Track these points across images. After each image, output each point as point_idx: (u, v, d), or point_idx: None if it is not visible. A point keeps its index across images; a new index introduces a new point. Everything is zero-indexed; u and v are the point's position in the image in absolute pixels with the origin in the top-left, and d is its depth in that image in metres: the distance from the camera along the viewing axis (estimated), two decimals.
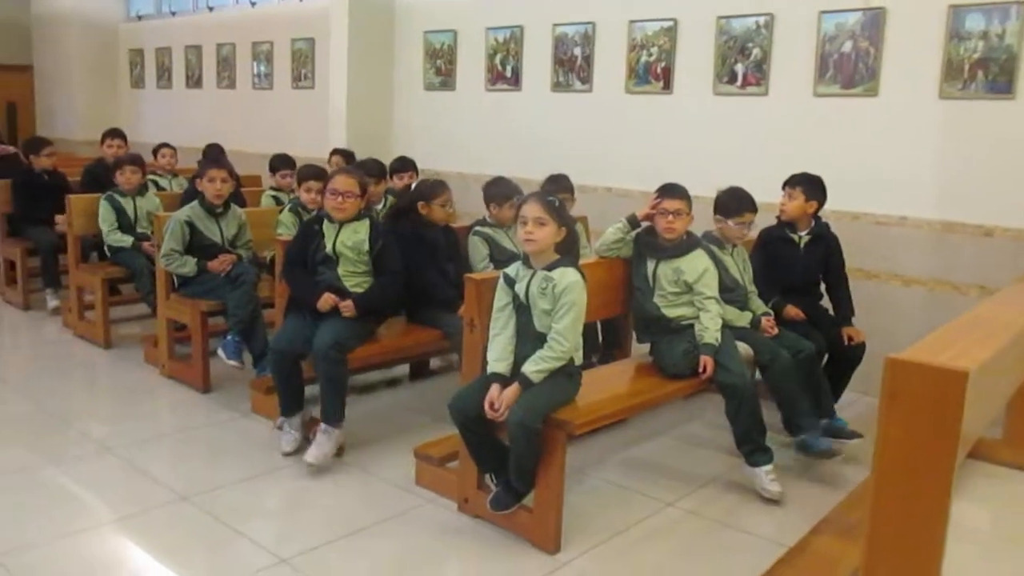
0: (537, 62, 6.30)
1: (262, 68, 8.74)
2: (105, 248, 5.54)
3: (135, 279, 5.34)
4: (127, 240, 5.38)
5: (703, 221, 4.07)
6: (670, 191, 3.59)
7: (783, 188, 4.17)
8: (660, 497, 3.51)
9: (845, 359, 4.09)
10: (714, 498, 3.55)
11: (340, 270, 3.82)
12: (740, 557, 3.02)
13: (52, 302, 6.14)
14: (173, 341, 4.86)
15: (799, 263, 4.17)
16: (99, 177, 6.07)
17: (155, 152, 6.77)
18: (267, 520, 3.27)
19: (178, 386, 4.68)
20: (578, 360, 3.12)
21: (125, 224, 5.48)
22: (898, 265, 4.72)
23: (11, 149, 7.26)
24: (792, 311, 4.06)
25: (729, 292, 3.84)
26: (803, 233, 4.17)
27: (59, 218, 5.85)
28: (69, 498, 3.35)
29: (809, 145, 4.90)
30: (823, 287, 4.29)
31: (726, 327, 3.64)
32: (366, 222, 3.88)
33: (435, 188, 4.27)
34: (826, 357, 4.12)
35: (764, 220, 4.20)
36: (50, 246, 6.05)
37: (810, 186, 4.11)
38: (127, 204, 5.52)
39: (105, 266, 5.55)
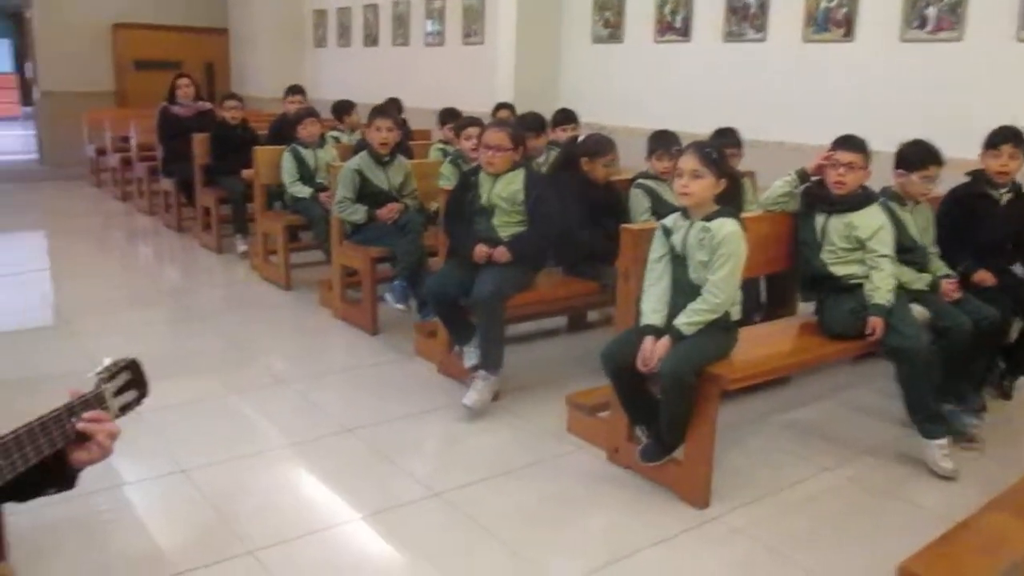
0: (708, 11, 6.08)
1: (434, 26, 8.94)
2: (286, 197, 5.91)
3: (312, 227, 5.68)
4: (306, 191, 5.71)
5: (883, 179, 3.82)
6: (845, 142, 3.40)
7: (994, 146, 3.78)
8: (819, 462, 3.38)
9: None
10: (878, 467, 3.37)
11: (495, 221, 3.90)
12: (902, 529, 2.87)
13: (241, 246, 6.65)
14: (345, 286, 5.14)
15: (998, 222, 3.83)
16: (282, 131, 6.47)
17: (337, 113, 7.09)
18: (423, 455, 3.43)
19: (349, 327, 4.96)
20: (735, 315, 3.04)
21: (306, 174, 5.82)
22: None
23: (208, 105, 7.84)
24: (983, 275, 3.76)
25: (907, 252, 3.60)
26: (1003, 191, 3.83)
27: (246, 172, 6.29)
28: (250, 423, 3.65)
29: (1008, 96, 4.46)
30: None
31: (901, 289, 3.42)
32: (520, 173, 3.92)
33: (602, 146, 4.26)
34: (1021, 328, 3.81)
35: (953, 178, 3.89)
36: (240, 195, 6.52)
37: None
38: (308, 155, 5.85)
39: (286, 214, 5.93)
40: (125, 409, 1.49)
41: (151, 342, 4.69)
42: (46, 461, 1.38)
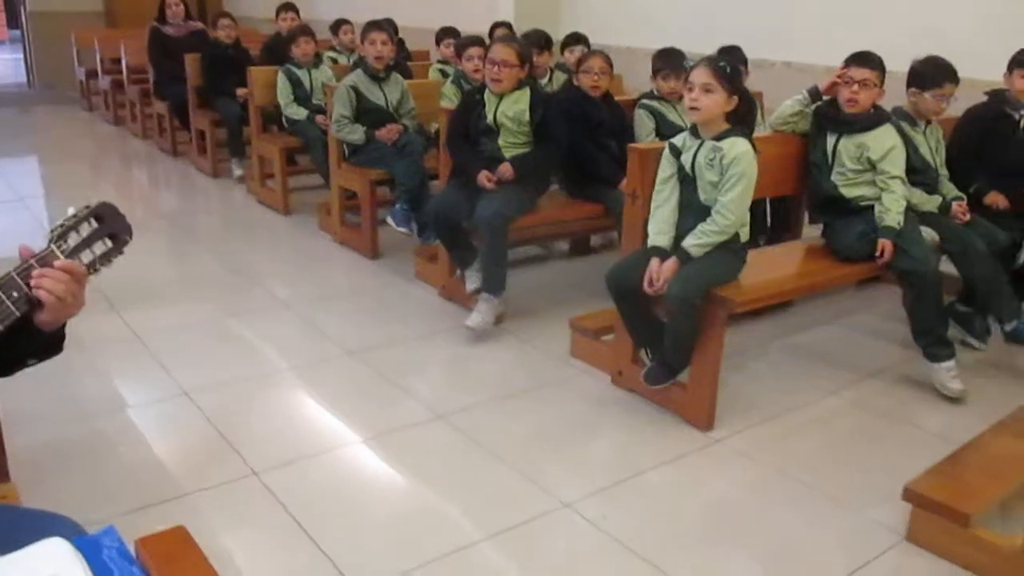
0: None
1: None
2: (283, 120, 5.78)
3: (310, 150, 5.57)
4: (302, 113, 5.58)
5: (895, 99, 3.71)
6: (859, 59, 3.29)
7: (1021, 65, 3.66)
8: (823, 385, 3.37)
9: None
10: (882, 391, 3.37)
11: (501, 141, 3.81)
12: (906, 451, 2.87)
13: (237, 171, 6.53)
14: (344, 209, 5.06)
15: (1015, 145, 3.74)
16: (276, 51, 6.29)
17: (335, 30, 6.90)
18: (426, 378, 3.41)
19: (349, 252, 4.91)
20: (744, 237, 2.99)
21: (301, 96, 5.67)
22: None
23: (199, 25, 7.62)
24: (995, 198, 3.70)
25: (918, 174, 3.53)
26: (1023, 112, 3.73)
27: (240, 91, 6.14)
28: (251, 347, 3.62)
29: None
30: None
31: (911, 211, 3.36)
32: (527, 91, 3.81)
33: (582, 57, 4.23)
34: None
35: (969, 99, 3.79)
36: (235, 117, 6.36)
37: None
38: (303, 76, 5.70)
39: (283, 137, 5.81)
40: (101, 261, 1.35)
41: (149, 267, 4.62)
42: (10, 332, 1.28)
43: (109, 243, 1.34)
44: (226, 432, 2.86)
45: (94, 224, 1.33)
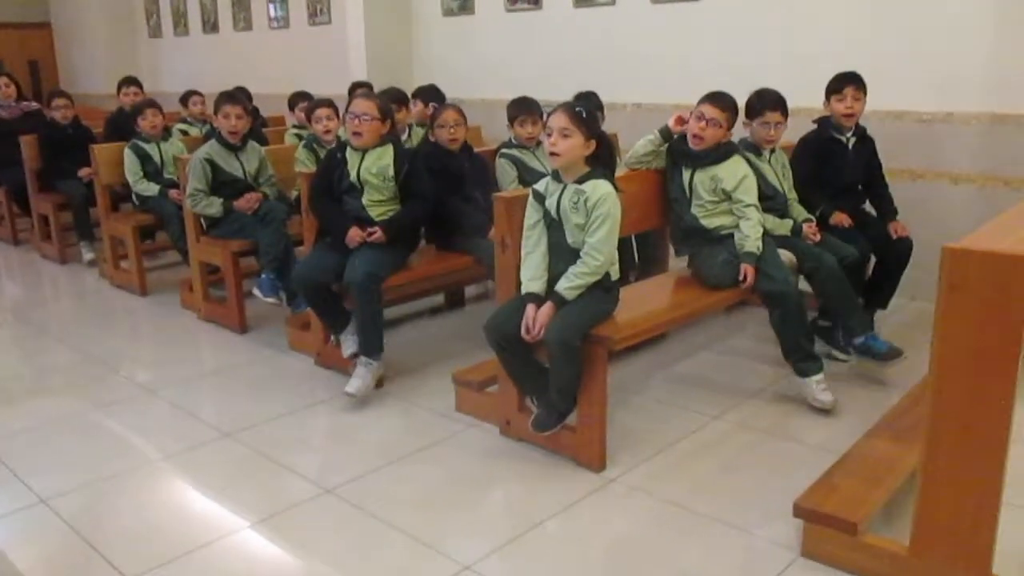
0: None
1: (278, 9, 8.57)
2: (133, 197, 5.53)
3: (165, 226, 5.34)
4: (154, 188, 5.36)
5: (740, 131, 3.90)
6: (713, 98, 3.44)
7: (837, 91, 3.89)
8: (706, 411, 3.45)
9: (894, 257, 3.95)
10: (761, 410, 3.47)
11: (365, 199, 3.74)
12: (792, 466, 2.96)
13: (87, 254, 6.18)
14: (207, 284, 4.85)
15: (848, 165, 4.00)
16: (121, 126, 6.04)
17: (184, 101, 6.71)
18: (310, 452, 3.27)
19: (216, 328, 4.69)
20: (615, 275, 3.03)
21: (152, 170, 5.45)
22: (945, 163, 4.52)
23: (34, 105, 7.24)
24: (840, 217, 3.92)
25: (768, 200, 3.71)
26: (850, 134, 3.99)
27: (84, 170, 5.85)
28: (116, 440, 3.37)
29: (850, 45, 4.64)
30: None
31: (767, 235, 3.52)
32: (390, 148, 3.78)
33: (435, 113, 4.23)
34: (872, 263, 4.00)
35: (803, 126, 4.04)
36: (81, 198, 6.04)
37: (864, 85, 3.91)
38: (152, 150, 5.48)
39: (135, 214, 5.55)
40: None
41: None
42: None
43: None
44: (92, 538, 2.62)
45: None
